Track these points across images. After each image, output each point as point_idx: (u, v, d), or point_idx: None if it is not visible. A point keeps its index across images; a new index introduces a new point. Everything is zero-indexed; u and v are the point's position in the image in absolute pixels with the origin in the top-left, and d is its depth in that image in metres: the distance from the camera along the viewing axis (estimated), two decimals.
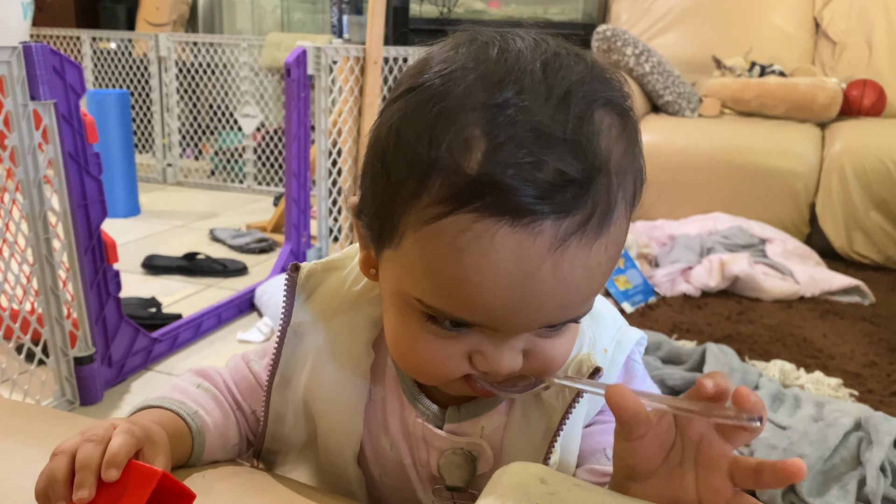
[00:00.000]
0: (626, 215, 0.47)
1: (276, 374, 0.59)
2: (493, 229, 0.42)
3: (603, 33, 2.98)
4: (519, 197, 0.41)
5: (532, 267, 0.43)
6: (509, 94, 0.42)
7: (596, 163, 0.43)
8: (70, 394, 1.53)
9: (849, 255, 2.57)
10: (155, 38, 3.67)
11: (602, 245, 0.45)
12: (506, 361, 0.48)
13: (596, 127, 0.43)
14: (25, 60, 1.36)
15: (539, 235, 0.42)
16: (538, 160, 0.41)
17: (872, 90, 2.92)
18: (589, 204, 0.43)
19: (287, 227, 2.30)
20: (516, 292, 0.44)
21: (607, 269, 0.47)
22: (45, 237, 1.43)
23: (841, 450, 1.25)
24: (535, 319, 0.46)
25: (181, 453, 0.56)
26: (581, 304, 0.47)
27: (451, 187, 0.42)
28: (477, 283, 0.43)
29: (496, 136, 0.42)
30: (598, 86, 0.45)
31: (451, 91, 0.43)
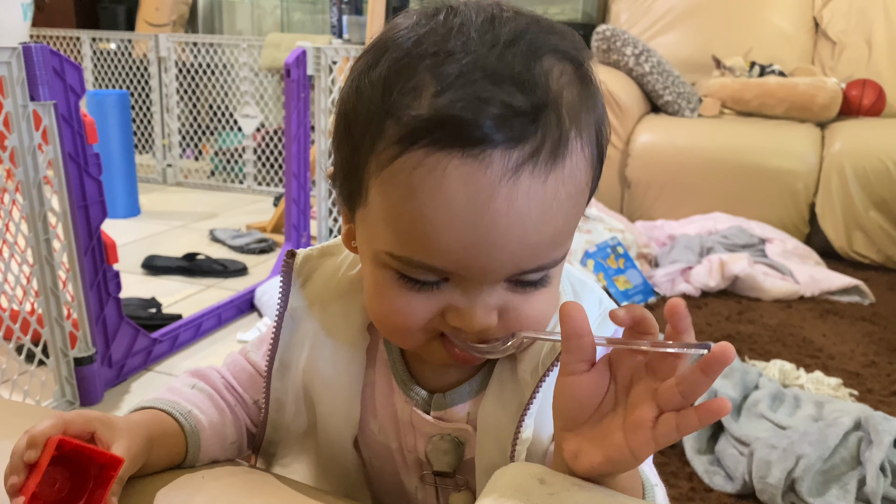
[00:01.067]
0: (587, 158, 0.47)
1: (275, 360, 0.60)
2: (444, 162, 0.43)
3: (602, 33, 2.98)
4: (466, 128, 0.43)
5: (485, 197, 0.43)
6: (457, 44, 0.44)
7: (544, 98, 0.44)
8: (70, 394, 1.53)
9: (848, 254, 2.57)
10: (155, 39, 3.67)
11: (557, 180, 0.45)
12: (478, 315, 0.48)
13: (544, 69, 0.45)
14: (25, 61, 1.36)
15: (489, 165, 0.43)
16: (486, 96, 0.43)
17: (872, 90, 2.92)
18: (538, 135, 0.44)
19: (287, 228, 2.30)
20: (472, 226, 0.44)
21: (568, 210, 0.47)
22: (45, 238, 1.43)
23: (841, 449, 1.25)
24: (499, 261, 0.46)
25: (172, 451, 0.56)
26: (545, 248, 0.47)
27: (403, 128, 0.44)
28: (433, 220, 0.44)
29: (445, 79, 0.43)
30: (546, 36, 0.47)
31: (403, 45, 0.46)
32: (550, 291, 0.51)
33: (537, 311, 0.51)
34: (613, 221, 2.39)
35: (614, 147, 2.79)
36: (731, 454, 1.29)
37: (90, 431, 0.50)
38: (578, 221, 0.50)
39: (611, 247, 2.18)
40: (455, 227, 0.44)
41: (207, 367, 0.65)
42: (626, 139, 2.81)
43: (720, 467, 1.30)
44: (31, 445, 0.47)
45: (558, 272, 0.52)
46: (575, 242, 2.19)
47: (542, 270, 0.49)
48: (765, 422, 1.37)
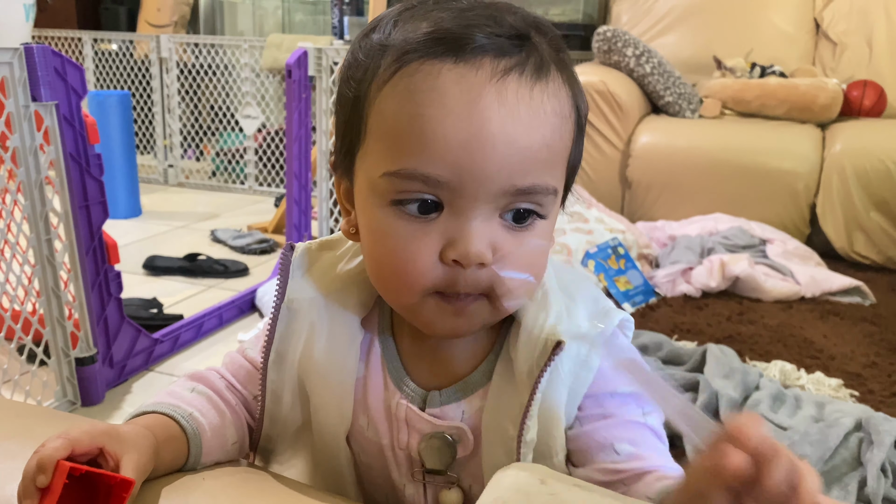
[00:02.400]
0: (567, 102, 0.52)
1: (270, 351, 0.60)
2: (438, 66, 0.48)
3: (603, 34, 2.98)
4: (459, 41, 0.48)
5: (477, 93, 0.47)
6: (453, 4, 0.51)
7: (527, 34, 0.50)
8: (71, 395, 1.53)
9: (849, 255, 2.57)
10: (156, 40, 3.67)
11: (542, 92, 0.50)
12: (474, 240, 0.49)
13: (529, 32, 0.51)
14: (27, 62, 1.36)
15: (480, 68, 0.48)
16: (477, 23, 0.49)
17: (873, 91, 2.92)
18: (524, 53, 0.49)
19: (288, 228, 2.30)
20: (466, 120, 0.47)
21: (555, 126, 0.50)
22: (47, 238, 1.44)
23: (842, 450, 1.25)
24: (493, 164, 0.48)
25: (177, 455, 0.57)
26: (536, 161, 0.49)
27: (400, 50, 0.49)
28: (429, 117, 0.48)
29: (440, 17, 0.50)
30: (531, 19, 0.52)
31: (396, 10, 0.53)
32: (541, 238, 0.52)
33: (527, 257, 0.52)
34: (614, 222, 2.39)
35: (615, 148, 2.79)
36: None
37: (98, 447, 0.50)
38: (566, 154, 0.53)
39: (611, 247, 2.18)
40: (449, 122, 0.47)
41: (206, 370, 0.66)
42: (626, 140, 2.81)
43: None
44: (41, 470, 0.47)
45: (551, 221, 0.53)
46: (575, 243, 2.19)
47: (534, 195, 0.50)
48: (765, 422, 1.36)
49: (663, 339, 1.71)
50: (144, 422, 0.56)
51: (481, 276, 0.50)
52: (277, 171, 3.67)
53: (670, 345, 1.68)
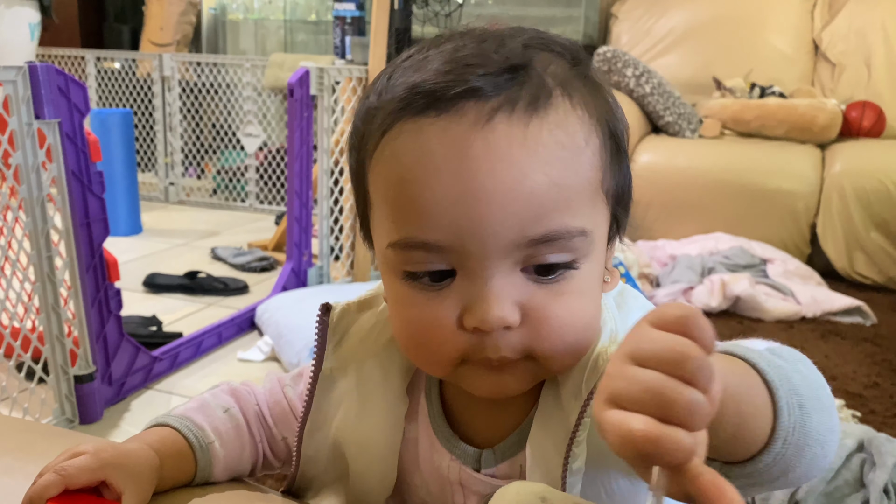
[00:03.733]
0: (586, 128, 0.45)
1: (307, 421, 0.57)
2: (420, 123, 0.44)
3: (603, 54, 3.01)
4: (439, 92, 0.43)
5: (462, 145, 0.43)
6: (447, 47, 0.46)
7: (523, 62, 0.44)
8: (70, 412, 1.53)
9: (850, 275, 2.57)
10: (159, 58, 3.70)
11: (540, 126, 0.43)
12: (492, 307, 0.44)
13: (530, 53, 0.45)
14: (31, 80, 1.37)
15: (464, 115, 0.43)
16: (460, 65, 0.44)
17: (872, 111, 2.93)
18: (515, 87, 0.44)
19: (289, 246, 2.30)
20: (455, 177, 0.43)
21: (565, 160, 0.44)
22: (48, 255, 1.44)
23: (844, 471, 1.24)
24: (494, 218, 0.43)
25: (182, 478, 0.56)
26: (547, 205, 0.43)
27: (385, 112, 0.46)
28: (416, 180, 0.44)
29: (426, 66, 0.45)
30: (542, 39, 0.47)
31: (391, 66, 0.49)
32: (583, 288, 0.46)
33: (569, 313, 0.46)
34: None
35: None
36: None
37: (100, 480, 0.49)
38: (592, 186, 0.45)
39: None
40: (437, 181, 0.43)
41: (246, 388, 0.63)
42: None
43: None
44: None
45: (590, 266, 0.46)
46: None
47: (556, 242, 0.44)
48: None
49: None
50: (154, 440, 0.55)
51: (512, 339, 0.45)
52: (278, 189, 3.67)
53: None
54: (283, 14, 4.50)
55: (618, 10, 3.63)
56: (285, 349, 1.82)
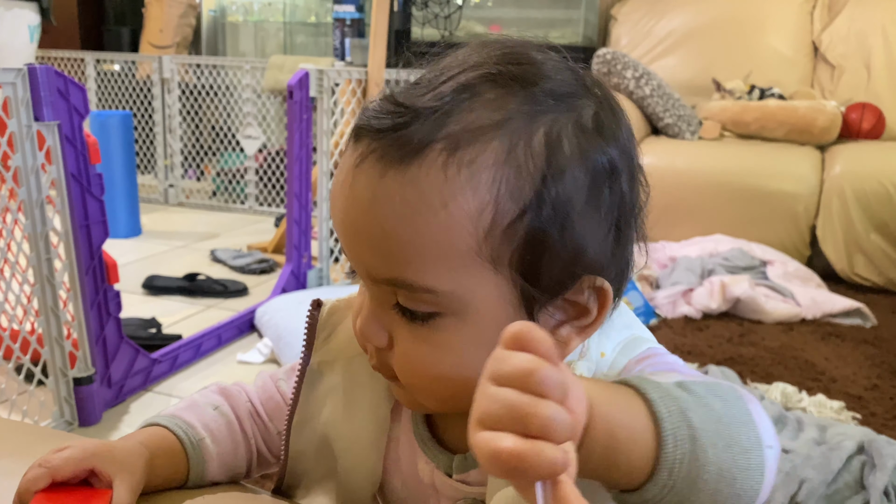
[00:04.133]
0: (452, 180, 0.43)
1: (294, 415, 0.58)
2: (349, 144, 0.47)
3: (603, 56, 3.01)
4: (359, 119, 0.47)
5: (343, 176, 0.47)
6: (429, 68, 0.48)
7: (421, 105, 0.44)
8: (69, 414, 1.52)
9: (850, 277, 2.57)
10: (158, 60, 3.70)
11: (396, 180, 0.43)
12: (362, 322, 0.48)
13: (450, 100, 0.44)
14: (30, 82, 1.37)
15: (356, 150, 0.46)
16: (391, 100, 0.46)
17: (871, 113, 2.94)
18: (398, 133, 0.44)
19: (288, 248, 2.30)
20: (333, 199, 0.48)
21: (403, 214, 0.43)
22: (47, 257, 1.43)
23: (844, 474, 1.24)
24: (352, 249, 0.47)
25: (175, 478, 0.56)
26: (386, 253, 0.44)
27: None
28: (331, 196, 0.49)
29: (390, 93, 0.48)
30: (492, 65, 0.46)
31: None
32: (446, 343, 0.46)
33: (425, 359, 0.47)
34: None
35: None
36: None
37: (88, 469, 0.50)
38: (450, 254, 0.44)
39: None
40: (332, 198, 0.48)
41: (236, 387, 0.64)
42: None
43: None
44: (19, 502, 0.48)
45: (462, 326, 0.46)
46: None
47: (402, 291, 0.45)
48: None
49: None
50: (144, 437, 0.55)
51: (383, 359, 0.49)
52: (278, 191, 3.67)
53: None
54: (283, 16, 4.51)
55: (617, 11, 3.63)
56: (285, 351, 1.82)
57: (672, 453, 0.38)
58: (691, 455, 0.38)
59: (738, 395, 0.43)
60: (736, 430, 0.40)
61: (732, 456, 0.39)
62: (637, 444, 0.38)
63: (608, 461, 0.38)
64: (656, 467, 0.38)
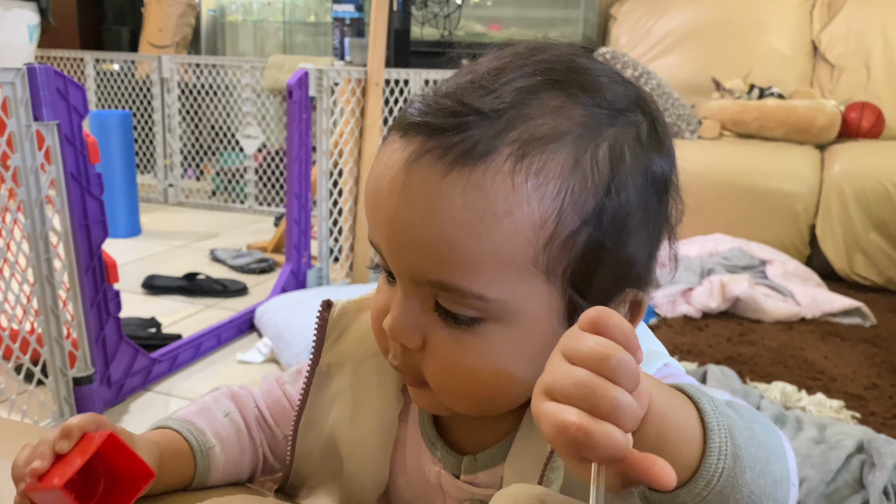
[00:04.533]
0: (518, 188, 0.42)
1: (301, 416, 0.58)
2: (393, 139, 0.46)
3: (602, 56, 3.00)
4: (408, 114, 0.45)
5: (392, 172, 0.45)
6: (476, 65, 0.47)
7: (492, 107, 0.43)
8: (68, 414, 1.52)
9: (849, 276, 2.57)
10: (158, 60, 3.69)
11: (459, 183, 0.42)
12: (396, 322, 0.46)
13: (513, 102, 0.44)
14: (29, 81, 1.37)
15: (409, 146, 0.44)
16: (446, 96, 0.45)
17: (871, 113, 2.93)
18: (460, 133, 0.43)
19: (288, 248, 2.30)
20: (376, 194, 0.46)
21: (463, 220, 0.42)
22: (46, 257, 1.43)
23: (843, 473, 1.24)
24: (396, 246, 0.45)
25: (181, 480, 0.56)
26: (441, 258, 0.43)
27: (393, 121, 0.49)
28: (370, 189, 0.47)
29: (437, 87, 0.47)
30: (554, 73, 0.45)
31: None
32: (488, 350, 0.45)
33: (463, 363, 0.46)
34: None
35: None
36: None
37: (106, 430, 0.50)
38: (505, 262, 0.43)
39: None
40: (369, 192, 0.47)
41: (245, 392, 0.63)
42: None
43: None
44: (64, 436, 0.47)
45: (505, 333, 0.45)
46: None
47: (449, 294, 0.44)
48: None
49: None
50: (156, 437, 0.55)
51: (411, 359, 0.48)
52: (277, 190, 3.67)
53: None
54: (282, 16, 4.50)
55: (617, 11, 3.63)
56: (284, 351, 1.82)
57: (714, 465, 0.38)
58: (730, 472, 0.38)
59: (776, 429, 0.43)
60: (772, 460, 0.40)
61: (765, 484, 0.39)
62: (682, 449, 0.38)
63: (656, 449, 0.37)
64: (695, 475, 0.38)
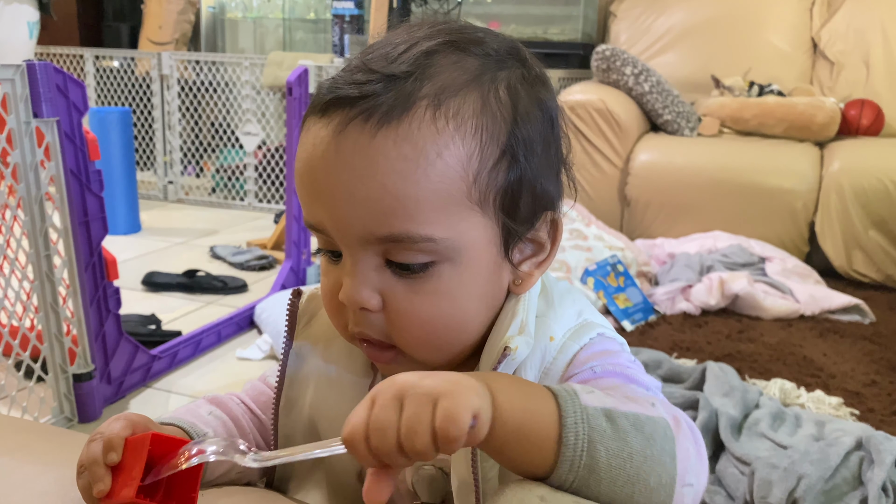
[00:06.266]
0: (441, 131, 0.47)
1: (281, 397, 0.60)
2: (312, 122, 0.50)
3: (602, 53, 3.00)
4: (325, 94, 0.49)
5: (322, 147, 0.48)
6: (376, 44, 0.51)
7: (401, 69, 0.48)
8: (68, 411, 1.53)
9: (848, 273, 2.58)
10: (157, 57, 3.69)
11: (389, 138, 0.47)
12: (351, 287, 0.49)
13: (428, 53, 0.49)
14: (29, 78, 1.37)
15: (331, 122, 0.48)
16: (351, 72, 0.49)
17: (870, 110, 2.93)
18: (378, 98, 0.47)
19: (287, 245, 2.30)
20: (310, 173, 0.49)
21: (402, 169, 0.46)
22: (46, 254, 1.44)
23: (842, 469, 1.24)
24: (343, 215, 0.48)
25: None
26: (388, 210, 0.47)
27: (308, 109, 0.52)
28: (301, 172, 0.50)
29: (344, 68, 0.51)
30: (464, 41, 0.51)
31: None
32: (445, 289, 0.49)
33: (421, 310, 0.49)
34: (613, 240, 2.39)
35: (614, 166, 2.80)
36: (731, 474, 1.29)
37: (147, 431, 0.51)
38: (445, 201, 0.48)
39: (611, 265, 2.18)
40: (307, 175, 0.49)
41: (226, 395, 0.66)
42: (625, 158, 2.82)
43: (721, 487, 1.29)
44: (111, 449, 0.48)
45: (455, 270, 0.49)
46: (574, 260, 2.19)
47: (402, 244, 0.48)
48: (766, 441, 1.36)
49: (663, 357, 1.71)
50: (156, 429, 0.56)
51: (374, 322, 0.51)
52: (277, 187, 3.67)
53: (670, 363, 1.68)
54: (282, 12, 4.50)
55: (616, 8, 3.62)
56: None
57: (563, 476, 0.43)
58: (583, 482, 0.43)
59: (670, 436, 0.45)
60: (647, 468, 0.43)
61: (632, 493, 0.43)
62: (534, 459, 0.43)
63: (506, 456, 0.43)
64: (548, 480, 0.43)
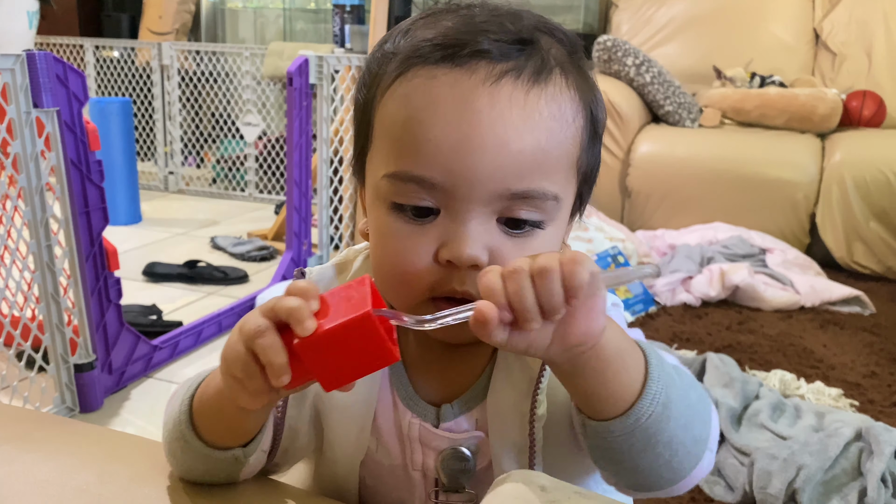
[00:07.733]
0: (575, 107, 0.51)
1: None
2: (434, 71, 0.49)
3: (604, 43, 2.99)
4: (457, 45, 0.49)
5: (470, 97, 0.48)
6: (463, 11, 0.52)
7: (531, 38, 0.50)
8: (70, 401, 1.53)
9: (849, 265, 2.57)
10: (158, 47, 3.68)
11: (539, 96, 0.49)
12: (468, 243, 0.48)
13: (537, 34, 0.51)
14: (29, 68, 1.37)
15: (475, 72, 0.48)
16: (479, 30, 0.49)
17: (872, 101, 2.93)
18: (523, 57, 0.49)
19: (288, 236, 2.30)
20: (457, 123, 0.48)
21: (553, 131, 0.49)
22: (47, 244, 1.44)
23: (842, 460, 1.24)
24: (484, 167, 0.47)
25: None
26: (530, 166, 0.48)
27: (404, 56, 0.51)
28: (422, 120, 0.48)
29: (447, 25, 0.51)
30: (543, 24, 0.53)
31: (407, 21, 0.55)
32: (544, 248, 0.50)
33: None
34: (614, 231, 2.39)
35: (615, 157, 2.80)
36: (731, 464, 1.29)
37: None
38: (570, 160, 0.51)
39: (611, 256, 2.18)
40: (440, 125, 0.48)
41: None
42: (626, 149, 2.81)
43: (721, 477, 1.30)
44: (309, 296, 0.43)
45: (554, 231, 0.52)
46: None
47: (531, 200, 0.49)
48: (765, 432, 1.36)
49: (663, 349, 1.71)
50: None
51: (467, 281, 0.50)
52: (278, 178, 3.67)
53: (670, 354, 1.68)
54: (283, 2, 4.49)
55: None
56: None
57: (647, 406, 0.46)
58: (658, 416, 0.46)
59: (708, 400, 0.51)
60: (697, 421, 0.49)
61: (685, 437, 0.48)
62: (625, 385, 0.46)
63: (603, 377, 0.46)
64: (629, 411, 0.46)
